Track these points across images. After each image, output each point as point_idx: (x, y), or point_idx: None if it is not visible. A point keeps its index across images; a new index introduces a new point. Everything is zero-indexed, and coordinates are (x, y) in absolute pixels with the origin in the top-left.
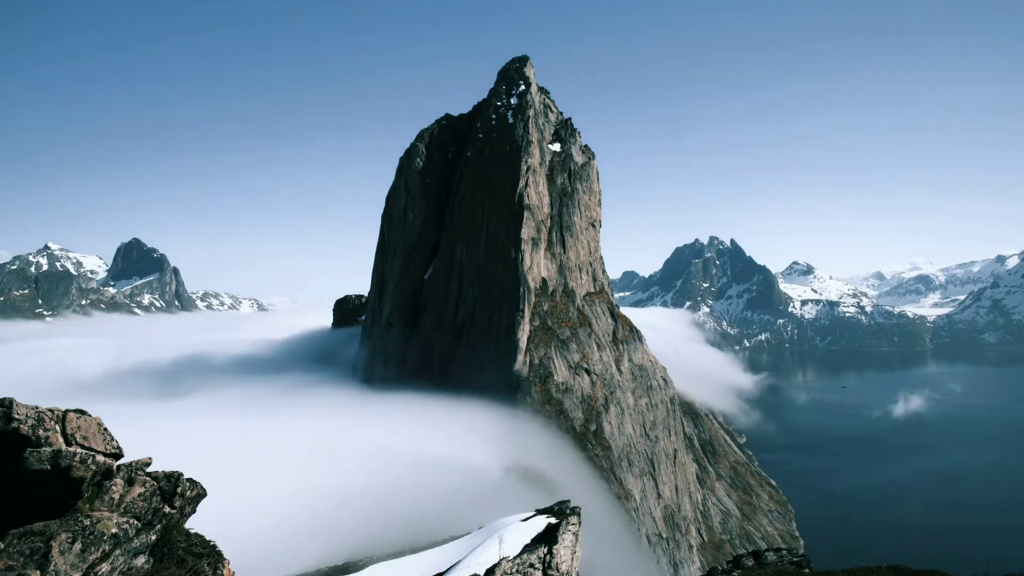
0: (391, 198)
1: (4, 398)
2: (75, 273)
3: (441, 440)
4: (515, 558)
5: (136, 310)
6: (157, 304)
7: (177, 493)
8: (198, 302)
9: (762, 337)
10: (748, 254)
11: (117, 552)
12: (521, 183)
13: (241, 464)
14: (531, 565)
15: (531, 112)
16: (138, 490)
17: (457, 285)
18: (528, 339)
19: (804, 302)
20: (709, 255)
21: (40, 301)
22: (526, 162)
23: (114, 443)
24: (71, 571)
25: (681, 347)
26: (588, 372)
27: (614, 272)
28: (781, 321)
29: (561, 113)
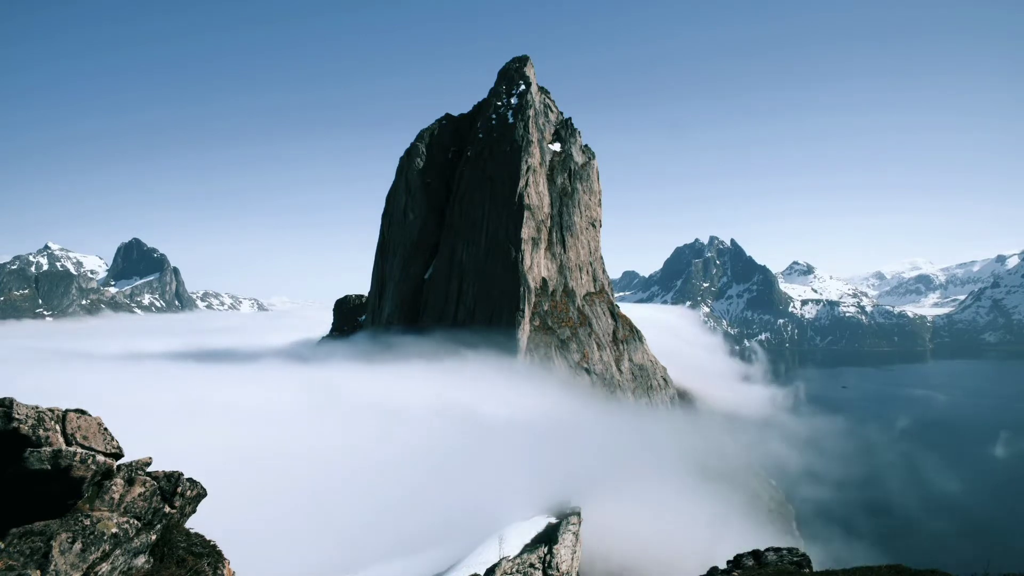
0: (391, 198)
1: (4, 398)
2: (75, 273)
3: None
4: (515, 558)
5: (136, 310)
6: (157, 304)
7: (177, 493)
8: (198, 302)
9: (762, 337)
10: (748, 254)
11: (117, 552)
12: (521, 183)
13: (240, 462)
14: (531, 565)
15: (531, 112)
16: (138, 490)
17: (457, 285)
18: (528, 339)
19: (804, 302)
20: (709, 255)
21: (40, 301)
22: (526, 162)
23: (114, 443)
24: (71, 571)
25: (681, 346)
26: (588, 372)
27: (614, 272)
28: (781, 321)
29: (561, 113)
